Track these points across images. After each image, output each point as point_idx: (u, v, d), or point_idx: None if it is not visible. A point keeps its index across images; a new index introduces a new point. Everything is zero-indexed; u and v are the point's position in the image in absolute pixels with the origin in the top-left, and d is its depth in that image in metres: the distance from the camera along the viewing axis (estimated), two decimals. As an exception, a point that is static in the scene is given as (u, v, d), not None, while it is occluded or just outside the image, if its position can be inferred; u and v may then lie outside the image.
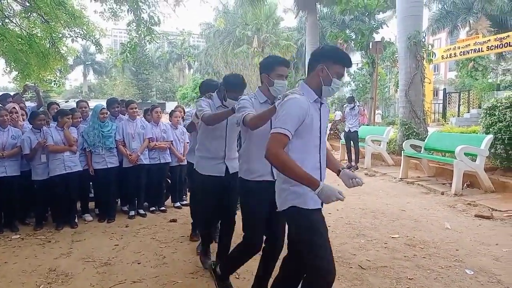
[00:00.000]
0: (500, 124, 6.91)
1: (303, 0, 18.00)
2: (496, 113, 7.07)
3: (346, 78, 34.02)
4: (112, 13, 10.81)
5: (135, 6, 9.89)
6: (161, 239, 4.69)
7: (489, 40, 18.72)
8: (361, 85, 29.30)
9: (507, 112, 6.81)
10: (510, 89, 18.26)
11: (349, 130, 9.87)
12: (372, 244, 4.46)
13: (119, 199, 6.08)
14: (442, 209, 5.91)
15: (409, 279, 3.54)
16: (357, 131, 9.84)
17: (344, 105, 12.11)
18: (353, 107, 9.86)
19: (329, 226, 4.81)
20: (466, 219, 5.45)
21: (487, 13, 23.30)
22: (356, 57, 37.79)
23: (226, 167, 3.38)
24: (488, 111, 7.37)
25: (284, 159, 2.13)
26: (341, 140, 11.45)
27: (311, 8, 18.04)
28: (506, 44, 17.53)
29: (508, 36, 17.41)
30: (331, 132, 14.49)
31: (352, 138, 9.88)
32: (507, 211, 5.65)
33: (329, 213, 5.54)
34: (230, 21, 35.82)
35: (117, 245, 4.50)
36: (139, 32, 10.26)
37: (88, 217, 5.56)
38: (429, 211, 5.82)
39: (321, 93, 2.32)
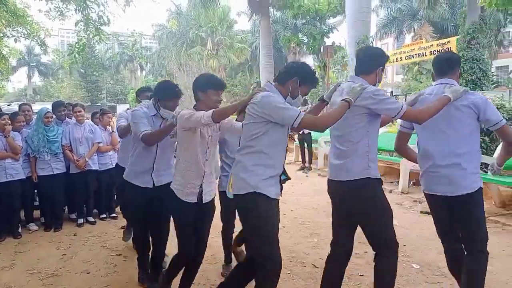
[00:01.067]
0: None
1: (256, 4, 18.17)
2: (439, 114, 7.47)
3: (299, 81, 34.73)
4: (59, 12, 10.34)
5: (83, 5, 9.53)
6: (111, 247, 4.54)
7: (432, 45, 19.72)
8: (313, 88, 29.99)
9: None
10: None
11: (303, 132, 10.04)
12: (325, 243, 4.54)
13: (66, 207, 5.81)
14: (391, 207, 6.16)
15: (360, 275, 3.66)
16: (311, 133, 10.03)
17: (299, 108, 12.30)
18: (306, 109, 10.06)
19: (283, 227, 4.89)
20: (412, 215, 5.72)
21: (430, 19, 24.66)
22: (309, 61, 38.67)
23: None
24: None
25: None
26: (295, 142, 11.64)
27: (264, 12, 18.25)
28: (447, 49, 18.49)
29: (449, 41, 18.44)
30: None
31: (306, 140, 10.07)
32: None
33: (284, 214, 5.60)
34: (183, 23, 35.43)
35: (65, 254, 4.30)
36: (88, 32, 9.89)
37: (33, 226, 5.26)
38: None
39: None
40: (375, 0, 25.62)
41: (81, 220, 5.46)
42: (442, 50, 18.85)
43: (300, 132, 10.11)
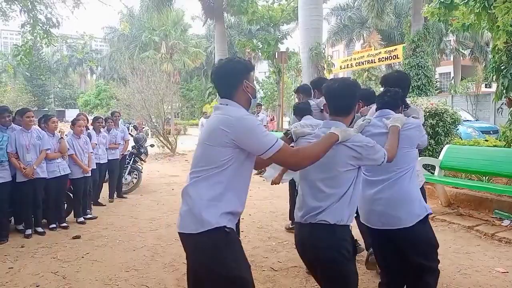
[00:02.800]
0: (391, 128, 7.63)
1: (210, 9, 18.16)
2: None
3: (255, 85, 35.05)
4: (2, 13, 9.77)
5: (30, 6, 9.06)
6: (63, 258, 4.34)
7: (380, 52, 20.64)
8: (269, 93, 30.36)
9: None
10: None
11: None
12: (282, 246, 4.62)
13: (12, 217, 5.49)
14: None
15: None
16: None
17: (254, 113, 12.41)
18: (258, 113, 10.17)
19: (242, 231, 4.90)
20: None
21: (378, 28, 25.75)
22: (264, 66, 39.08)
23: None
24: (381, 117, 8.10)
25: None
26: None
27: (219, 17, 18.27)
28: (394, 56, 19.47)
29: (396, 49, 19.37)
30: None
31: None
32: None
33: (242, 218, 5.61)
34: (135, 26, 34.67)
35: (12, 268, 4.06)
36: (35, 34, 9.41)
37: (-26, 239, 4.93)
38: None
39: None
40: (326, 8, 26.41)
41: (29, 231, 5.17)
42: (390, 57, 19.77)
43: None
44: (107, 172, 7.29)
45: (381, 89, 3.04)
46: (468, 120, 13.13)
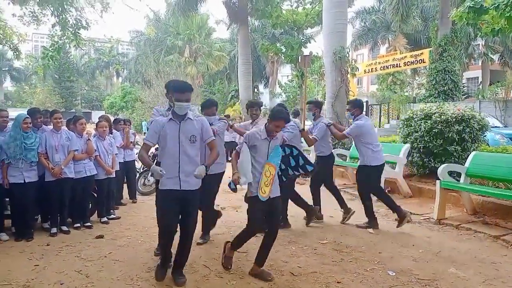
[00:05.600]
0: (416, 134, 7.50)
1: (235, 13, 18.27)
2: (412, 124, 7.66)
3: (277, 89, 35.04)
4: (33, 17, 10.12)
5: (60, 9, 9.35)
6: (86, 257, 4.44)
7: (406, 56, 20.30)
8: (291, 97, 30.28)
9: (421, 123, 7.41)
10: (424, 102, 19.96)
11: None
12: (302, 251, 4.60)
13: (39, 216, 5.66)
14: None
15: (338, 282, 3.70)
16: None
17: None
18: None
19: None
20: (387, 223, 5.83)
21: (403, 31, 25.34)
22: (287, 70, 39.05)
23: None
24: (405, 122, 7.96)
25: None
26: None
27: (243, 21, 18.37)
28: (420, 61, 19.13)
29: (422, 53, 19.02)
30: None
31: None
32: (423, 214, 6.14)
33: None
34: (161, 30, 35.24)
35: (37, 265, 4.18)
36: (65, 36, 9.71)
37: (3, 236, 5.08)
38: (354, 216, 6.12)
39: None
40: (350, 12, 26.20)
41: (54, 230, 5.31)
42: (416, 62, 19.42)
43: None
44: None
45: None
46: (496, 126, 12.73)
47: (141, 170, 8.34)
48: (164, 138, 3.56)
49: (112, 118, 7.68)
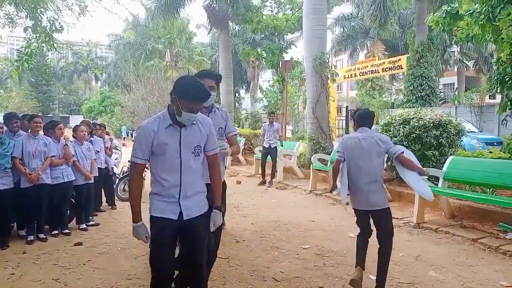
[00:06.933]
0: (395, 139, 7.59)
1: (215, 18, 18.25)
2: (391, 129, 7.79)
3: (258, 94, 35.13)
4: (9, 19, 9.87)
5: (34, 11, 9.13)
6: (64, 264, 4.33)
7: (384, 62, 20.68)
8: (272, 101, 30.40)
9: (400, 128, 7.54)
10: (402, 107, 20.37)
11: (269, 146, 9.93)
12: (285, 256, 4.60)
13: (15, 223, 5.50)
14: (347, 219, 6.30)
15: (320, 287, 3.71)
16: (276, 147, 9.97)
17: (263, 122, 12.42)
18: (272, 122, 10.03)
19: (244, 241, 4.88)
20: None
21: (381, 38, 25.81)
22: (268, 75, 39.17)
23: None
24: (384, 127, 8.08)
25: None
26: (255, 155, 11.67)
27: (224, 26, 18.36)
28: (398, 67, 19.52)
29: (400, 59, 19.42)
30: (246, 147, 14.72)
31: (271, 154, 9.98)
32: (402, 218, 6.23)
33: (244, 228, 5.61)
34: (140, 34, 34.89)
35: (13, 274, 4.06)
36: (39, 39, 9.49)
37: (-24, 245, 4.92)
38: (336, 221, 6.18)
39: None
40: (330, 18, 26.52)
41: (31, 237, 5.17)
42: (394, 68, 19.81)
43: (267, 146, 10.00)
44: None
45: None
46: (472, 131, 13.08)
47: (121, 176, 8.22)
48: (159, 150, 2.59)
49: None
